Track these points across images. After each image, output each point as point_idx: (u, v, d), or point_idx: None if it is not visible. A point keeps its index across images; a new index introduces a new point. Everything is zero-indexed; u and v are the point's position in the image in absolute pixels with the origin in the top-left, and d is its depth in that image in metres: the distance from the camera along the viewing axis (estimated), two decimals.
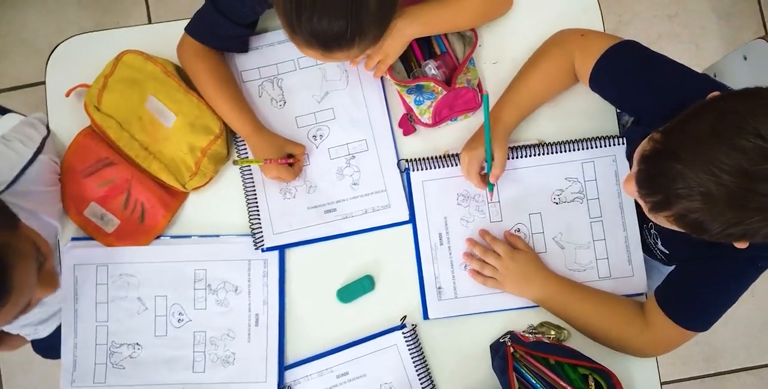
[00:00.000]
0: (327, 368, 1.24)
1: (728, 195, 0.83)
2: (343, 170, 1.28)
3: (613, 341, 1.21)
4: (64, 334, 1.26)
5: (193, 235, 1.28)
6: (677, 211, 0.88)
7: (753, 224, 0.85)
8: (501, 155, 1.20)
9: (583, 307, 1.21)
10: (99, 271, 1.27)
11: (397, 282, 1.28)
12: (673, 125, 0.90)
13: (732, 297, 1.13)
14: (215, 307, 1.26)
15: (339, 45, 1.01)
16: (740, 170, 0.82)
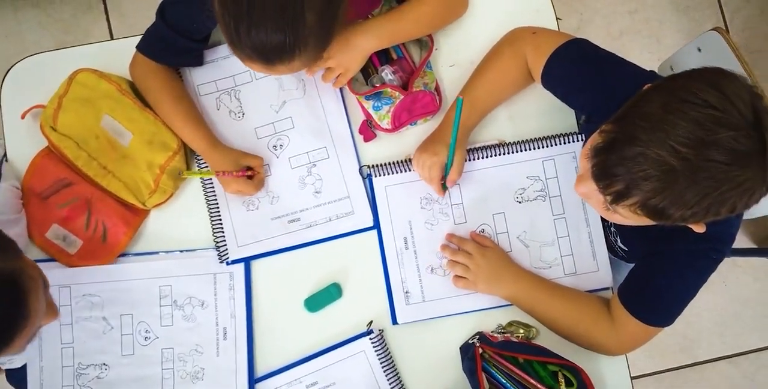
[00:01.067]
0: (296, 379, 1.24)
1: (690, 168, 0.84)
2: (305, 178, 1.28)
3: (581, 338, 1.22)
4: (29, 358, 1.25)
5: (156, 251, 1.28)
6: (641, 197, 0.89)
7: (720, 197, 0.85)
8: (459, 160, 1.21)
9: (552, 303, 1.22)
10: (62, 292, 1.26)
11: (364, 289, 1.28)
12: (623, 111, 0.92)
13: (691, 291, 1.14)
14: (182, 323, 1.25)
15: (279, 58, 1.01)
16: (698, 140, 0.83)
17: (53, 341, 1.25)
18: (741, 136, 0.83)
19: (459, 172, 1.22)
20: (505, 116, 1.31)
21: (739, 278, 2.17)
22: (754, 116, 0.83)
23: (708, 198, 0.86)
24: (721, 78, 0.87)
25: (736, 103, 0.83)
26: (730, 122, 0.83)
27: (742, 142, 0.83)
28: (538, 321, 1.25)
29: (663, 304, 1.15)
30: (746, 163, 0.84)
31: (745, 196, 0.86)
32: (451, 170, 1.21)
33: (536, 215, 1.29)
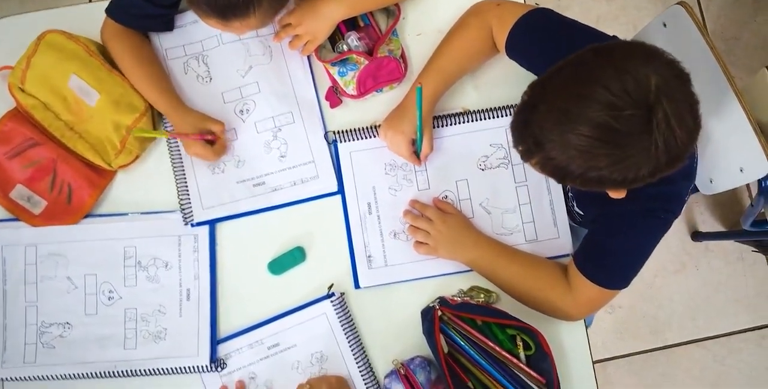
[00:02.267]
0: (257, 340, 1.27)
1: (579, 143, 0.90)
2: (270, 143, 1.32)
3: (539, 303, 1.25)
4: None
5: (121, 213, 1.30)
6: (539, 159, 0.96)
7: (602, 171, 0.91)
8: (428, 136, 1.25)
9: (511, 269, 1.25)
10: (27, 251, 1.28)
11: (327, 253, 1.31)
12: (538, 79, 0.98)
13: (644, 252, 1.17)
14: (146, 284, 1.28)
15: (234, 14, 1.06)
16: (589, 120, 0.88)
17: (17, 299, 1.28)
18: (626, 116, 0.87)
19: (430, 146, 1.27)
20: (471, 85, 1.35)
21: (711, 262, 2.22)
22: (649, 98, 0.87)
23: (592, 170, 0.92)
24: (632, 56, 0.90)
25: (629, 84, 0.87)
26: (617, 104, 0.87)
27: (624, 123, 0.87)
28: (498, 287, 1.28)
29: (616, 266, 1.19)
30: (625, 142, 0.88)
31: (630, 170, 0.91)
32: (423, 146, 1.25)
33: (499, 183, 1.33)
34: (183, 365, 1.26)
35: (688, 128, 0.89)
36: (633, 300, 2.18)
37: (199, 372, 1.26)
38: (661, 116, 0.86)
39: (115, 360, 1.26)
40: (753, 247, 2.14)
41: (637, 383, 2.15)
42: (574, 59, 0.94)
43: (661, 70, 0.88)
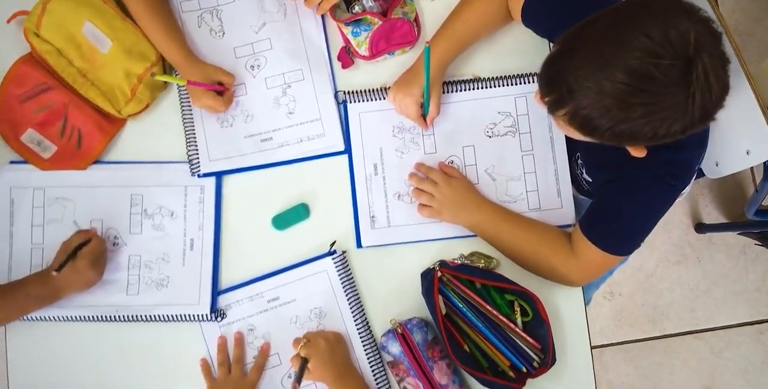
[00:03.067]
0: (258, 293, 1.29)
1: (615, 91, 0.90)
2: (279, 99, 1.34)
3: (542, 267, 1.27)
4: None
5: (130, 161, 1.32)
6: (570, 109, 0.96)
7: (634, 123, 0.92)
8: (435, 99, 1.27)
9: (514, 233, 1.27)
10: (35, 194, 1.31)
11: (331, 211, 1.33)
12: (574, 28, 0.98)
13: (650, 219, 1.18)
14: (151, 232, 1.30)
15: None
16: (627, 67, 0.89)
17: (24, 241, 1.30)
18: (666, 66, 0.87)
19: (437, 109, 1.28)
20: (483, 52, 1.37)
21: (713, 255, 2.23)
22: (689, 50, 0.87)
23: (624, 122, 0.92)
24: (671, 9, 0.91)
25: (670, 34, 0.87)
26: (659, 52, 0.87)
27: (664, 72, 0.87)
28: (500, 252, 1.29)
29: (622, 231, 1.20)
30: (663, 92, 0.89)
31: (664, 124, 0.92)
32: (429, 109, 1.27)
33: (505, 150, 1.34)
34: (184, 313, 1.28)
35: (723, 85, 0.90)
36: (633, 288, 2.20)
37: (199, 320, 1.28)
38: (701, 69, 0.87)
39: (117, 305, 1.28)
40: (756, 240, 2.15)
41: (633, 371, 2.16)
42: (612, 10, 0.95)
43: (698, 25, 0.89)
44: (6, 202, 1.30)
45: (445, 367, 1.24)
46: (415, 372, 1.22)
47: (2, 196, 1.30)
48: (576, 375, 1.29)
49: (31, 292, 1.21)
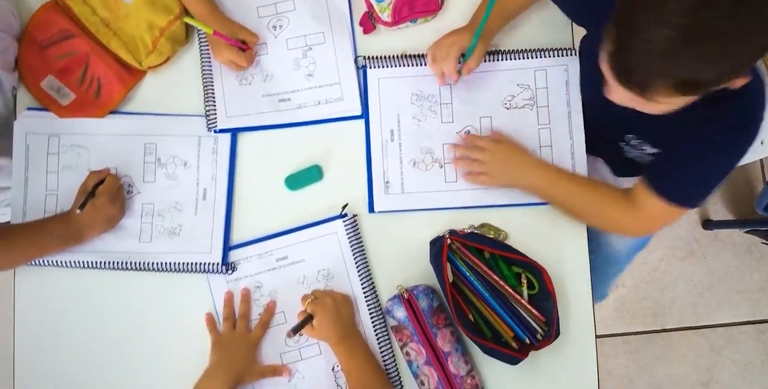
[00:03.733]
0: (267, 251, 1.30)
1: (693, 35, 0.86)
2: (300, 61, 1.34)
3: (604, 220, 1.26)
4: (14, 202, 1.31)
5: (146, 113, 1.33)
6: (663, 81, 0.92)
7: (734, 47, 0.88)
8: (481, 49, 1.26)
9: (573, 189, 1.26)
10: (51, 141, 1.32)
11: (344, 175, 1.34)
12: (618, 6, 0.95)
13: (718, 171, 1.15)
14: (164, 180, 1.32)
15: None
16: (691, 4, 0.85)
17: (39, 187, 1.31)
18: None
19: (478, 61, 1.27)
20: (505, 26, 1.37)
21: (719, 253, 2.23)
22: None
23: (724, 54, 0.88)
24: None
25: None
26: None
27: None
28: (559, 209, 1.29)
29: (690, 182, 1.17)
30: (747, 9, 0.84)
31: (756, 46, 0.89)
32: (471, 56, 1.26)
33: (522, 123, 1.35)
34: (196, 261, 1.29)
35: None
36: (636, 280, 2.20)
37: (210, 271, 1.29)
38: None
39: (129, 252, 1.29)
40: (763, 239, 2.16)
41: (631, 362, 2.17)
42: None
43: None
44: (22, 148, 1.31)
45: (449, 335, 1.25)
46: (418, 338, 1.23)
47: (18, 142, 1.31)
48: (578, 349, 1.29)
49: (54, 231, 1.23)
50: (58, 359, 1.30)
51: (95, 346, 1.30)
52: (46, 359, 1.30)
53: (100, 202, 1.23)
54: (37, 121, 1.31)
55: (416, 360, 1.24)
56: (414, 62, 1.35)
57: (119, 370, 1.30)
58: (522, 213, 1.33)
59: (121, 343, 1.30)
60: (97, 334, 1.30)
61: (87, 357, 1.30)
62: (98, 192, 1.24)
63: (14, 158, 1.31)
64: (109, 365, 1.30)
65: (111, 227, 1.27)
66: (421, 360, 1.23)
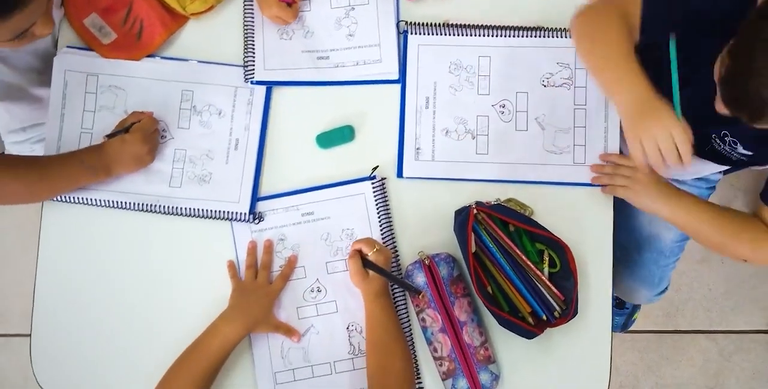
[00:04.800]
0: (294, 205, 1.31)
1: None
2: (342, 20, 1.35)
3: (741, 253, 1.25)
4: (49, 137, 1.32)
5: (186, 59, 1.34)
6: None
7: None
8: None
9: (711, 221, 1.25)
10: (89, 80, 1.33)
11: (376, 138, 1.34)
12: (736, 42, 0.96)
13: None
14: (198, 128, 1.33)
15: None
16: None
17: (74, 124, 1.32)
18: None
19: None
20: (549, 3, 1.37)
21: None
22: None
23: None
24: None
25: None
26: None
27: None
28: (696, 239, 1.30)
29: None
30: None
31: None
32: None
33: (558, 101, 1.35)
34: (223, 209, 1.30)
35: None
36: None
37: (237, 220, 1.30)
38: None
39: (159, 195, 1.30)
40: None
41: (639, 361, 2.16)
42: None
43: None
44: (60, 84, 1.32)
45: (466, 305, 1.25)
46: (435, 305, 1.23)
47: (57, 78, 1.32)
48: (593, 332, 1.29)
49: (85, 160, 1.24)
50: (76, 296, 1.31)
51: (114, 285, 1.31)
52: (65, 295, 1.31)
53: (131, 138, 1.24)
54: (76, 58, 1.32)
55: (431, 326, 1.24)
56: (456, 32, 1.35)
57: (136, 310, 1.31)
58: (548, 191, 1.33)
59: (141, 284, 1.31)
60: (117, 273, 1.32)
61: (105, 295, 1.31)
62: (133, 129, 1.25)
63: (52, 94, 1.32)
64: (127, 304, 1.31)
65: (139, 167, 1.29)
66: (436, 327, 1.23)
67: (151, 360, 1.21)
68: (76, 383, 1.31)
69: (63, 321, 1.31)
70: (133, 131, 1.25)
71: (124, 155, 1.25)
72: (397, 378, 1.17)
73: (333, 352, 1.27)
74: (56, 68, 1.32)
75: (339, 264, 1.30)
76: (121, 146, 1.25)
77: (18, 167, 1.21)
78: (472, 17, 1.36)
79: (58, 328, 1.31)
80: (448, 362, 1.23)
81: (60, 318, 1.31)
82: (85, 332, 1.31)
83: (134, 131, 1.25)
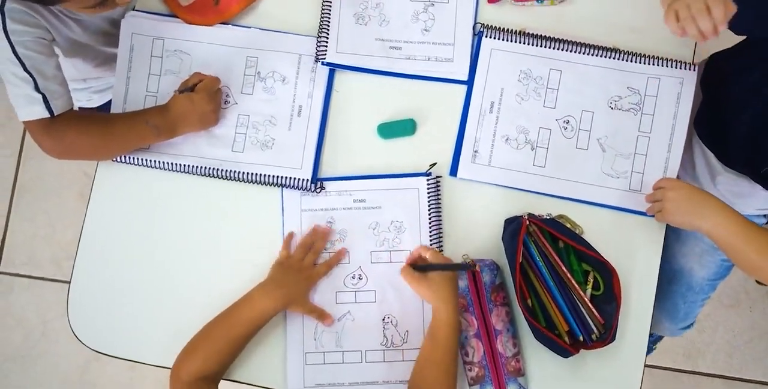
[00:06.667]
0: (347, 190, 1.31)
1: None
2: (419, 14, 1.35)
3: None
4: (115, 98, 1.33)
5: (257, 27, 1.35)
6: None
7: None
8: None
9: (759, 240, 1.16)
10: (155, 44, 1.33)
11: (436, 134, 1.34)
12: None
13: None
14: (261, 94, 1.33)
15: None
16: None
17: (139, 88, 1.33)
18: None
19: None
20: (628, 26, 1.36)
21: (766, 309, 2.19)
22: None
23: None
24: None
25: None
26: None
27: None
28: (735, 261, 1.21)
29: None
30: None
31: None
32: None
33: (623, 125, 1.34)
34: (286, 175, 1.30)
35: None
36: None
37: (299, 187, 1.31)
38: None
39: (221, 159, 1.31)
40: None
41: None
42: None
43: None
44: (126, 47, 1.33)
45: (504, 314, 1.25)
46: (473, 310, 1.23)
47: (124, 41, 1.33)
48: (626, 360, 1.28)
49: (150, 120, 1.24)
50: (120, 251, 1.33)
51: (157, 244, 1.32)
52: (109, 249, 1.33)
53: (198, 97, 1.25)
54: (143, 22, 1.33)
55: (467, 330, 1.23)
56: (532, 42, 1.35)
57: (175, 269, 1.32)
58: (599, 213, 1.32)
59: (184, 245, 1.32)
60: (162, 233, 1.33)
61: (147, 252, 1.32)
62: (197, 88, 1.26)
63: (119, 57, 1.33)
64: (167, 262, 1.32)
65: (204, 127, 1.29)
66: (471, 331, 1.22)
67: (183, 320, 1.22)
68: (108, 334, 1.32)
69: (103, 273, 1.32)
70: (199, 89, 1.26)
71: (190, 113, 1.25)
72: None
73: (365, 341, 1.27)
74: (123, 31, 1.33)
75: (383, 255, 1.30)
76: (187, 104, 1.25)
77: (83, 123, 1.22)
78: (549, 28, 1.36)
79: (98, 279, 1.32)
80: (478, 368, 1.22)
81: (101, 270, 1.32)
82: (124, 285, 1.32)
83: (199, 90, 1.25)
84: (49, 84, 1.16)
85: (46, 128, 1.18)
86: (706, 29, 1.05)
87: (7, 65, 1.13)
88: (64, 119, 1.19)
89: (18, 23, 1.12)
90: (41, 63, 1.15)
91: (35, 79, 1.14)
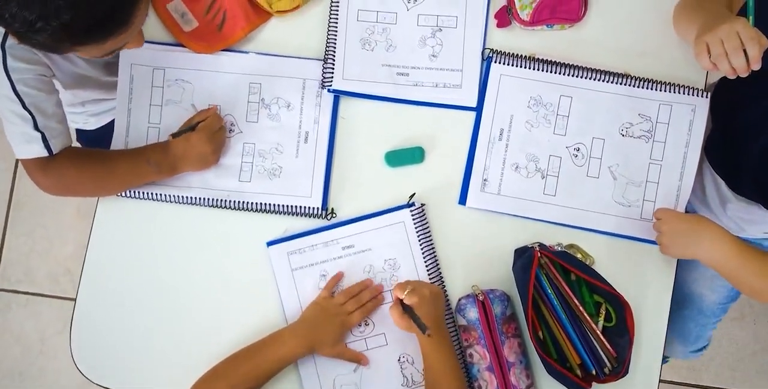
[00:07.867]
0: (333, 239, 1.29)
1: None
2: (427, 39, 1.32)
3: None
4: (117, 132, 1.31)
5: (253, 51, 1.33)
6: None
7: None
8: None
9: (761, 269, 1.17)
10: (155, 74, 1.31)
11: (445, 163, 1.32)
12: None
13: None
14: (266, 121, 1.31)
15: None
16: None
17: (141, 119, 1.31)
18: None
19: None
20: (637, 51, 1.34)
21: None
22: None
23: None
24: None
25: None
26: None
27: None
28: (738, 288, 1.23)
29: None
30: None
31: None
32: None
33: (634, 153, 1.31)
34: (295, 204, 1.29)
35: None
36: None
37: (310, 215, 1.30)
38: None
39: (229, 190, 1.29)
40: None
41: None
42: None
43: None
44: (126, 78, 1.30)
45: (516, 346, 1.23)
46: (485, 342, 1.21)
47: (123, 72, 1.30)
48: None
49: (151, 158, 1.23)
50: (122, 289, 1.32)
51: (161, 277, 1.31)
52: (110, 286, 1.32)
53: (196, 137, 1.23)
54: (142, 52, 1.29)
55: (478, 363, 1.22)
56: (541, 67, 1.32)
57: (181, 299, 1.31)
58: (611, 242, 1.30)
59: (190, 278, 1.31)
60: (166, 266, 1.31)
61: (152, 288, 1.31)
62: (198, 127, 1.24)
63: (119, 88, 1.30)
64: (174, 296, 1.31)
65: (204, 167, 1.27)
66: (483, 364, 1.21)
67: (186, 350, 1.23)
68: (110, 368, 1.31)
69: (107, 300, 1.31)
70: (199, 129, 1.23)
71: (189, 154, 1.24)
72: None
73: (386, 385, 1.25)
74: (122, 62, 1.30)
75: (385, 296, 1.28)
76: (186, 146, 1.23)
77: (83, 161, 1.20)
78: (559, 53, 1.33)
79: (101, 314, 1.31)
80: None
81: (105, 298, 1.31)
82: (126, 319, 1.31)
83: (199, 130, 1.23)
84: (49, 122, 1.14)
85: (43, 167, 1.16)
86: (740, 67, 1.02)
87: (6, 103, 1.10)
88: (62, 157, 1.17)
89: (19, 61, 1.09)
90: (42, 101, 1.13)
91: (35, 117, 1.12)
